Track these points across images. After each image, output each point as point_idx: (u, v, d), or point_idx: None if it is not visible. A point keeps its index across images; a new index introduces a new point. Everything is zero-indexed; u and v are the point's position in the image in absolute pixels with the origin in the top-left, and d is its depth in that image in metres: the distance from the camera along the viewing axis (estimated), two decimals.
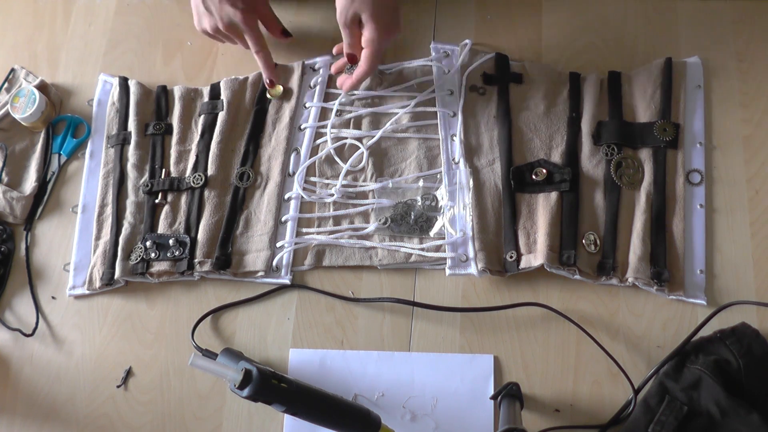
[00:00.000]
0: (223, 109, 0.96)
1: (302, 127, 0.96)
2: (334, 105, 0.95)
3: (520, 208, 0.87)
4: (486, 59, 0.96)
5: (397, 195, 0.90)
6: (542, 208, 0.87)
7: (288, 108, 0.96)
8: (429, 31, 1.00)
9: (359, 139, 0.94)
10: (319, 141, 0.95)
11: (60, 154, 0.99)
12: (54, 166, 0.98)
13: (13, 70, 1.04)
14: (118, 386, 0.87)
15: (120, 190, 0.95)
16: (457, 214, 0.88)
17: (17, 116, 0.97)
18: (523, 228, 0.86)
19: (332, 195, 0.91)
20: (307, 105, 0.97)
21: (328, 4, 1.01)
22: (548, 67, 0.94)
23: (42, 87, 1.00)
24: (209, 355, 0.84)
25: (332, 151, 0.93)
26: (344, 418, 0.70)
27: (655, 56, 0.93)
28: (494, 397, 0.80)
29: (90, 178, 0.97)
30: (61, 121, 1.00)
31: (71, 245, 0.94)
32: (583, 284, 0.85)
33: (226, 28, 0.93)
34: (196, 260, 0.89)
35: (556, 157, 0.89)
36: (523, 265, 0.84)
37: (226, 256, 0.89)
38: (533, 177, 0.88)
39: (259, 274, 0.89)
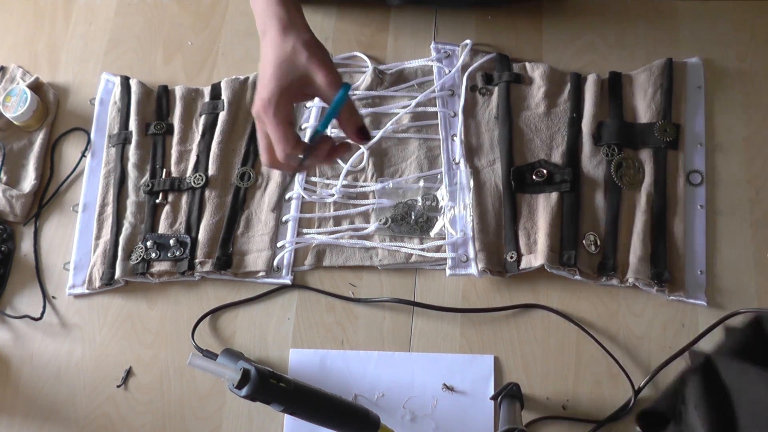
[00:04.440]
0: (223, 109, 0.96)
1: (303, 127, 0.95)
2: None
3: (520, 209, 0.87)
4: (487, 59, 0.96)
5: (397, 195, 0.90)
6: (543, 208, 0.87)
7: None
8: (430, 31, 1.00)
9: None
10: None
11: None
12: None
13: (2, 68, 1.03)
14: (118, 386, 0.87)
15: (121, 189, 0.95)
16: (457, 215, 0.88)
17: (8, 115, 0.97)
18: (524, 228, 0.86)
19: (333, 195, 0.91)
20: (307, 105, 0.97)
21: (329, 4, 1.01)
22: (549, 68, 0.94)
23: (37, 86, 1.00)
24: (209, 355, 0.84)
25: None
26: (343, 418, 0.70)
27: (655, 57, 0.93)
28: (494, 398, 0.80)
29: (91, 178, 0.97)
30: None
31: (71, 244, 0.94)
32: (583, 285, 0.85)
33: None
34: (196, 260, 0.89)
35: (557, 157, 0.89)
36: (523, 265, 0.84)
37: (227, 257, 0.89)
38: (534, 177, 0.88)
39: (260, 274, 0.89)
